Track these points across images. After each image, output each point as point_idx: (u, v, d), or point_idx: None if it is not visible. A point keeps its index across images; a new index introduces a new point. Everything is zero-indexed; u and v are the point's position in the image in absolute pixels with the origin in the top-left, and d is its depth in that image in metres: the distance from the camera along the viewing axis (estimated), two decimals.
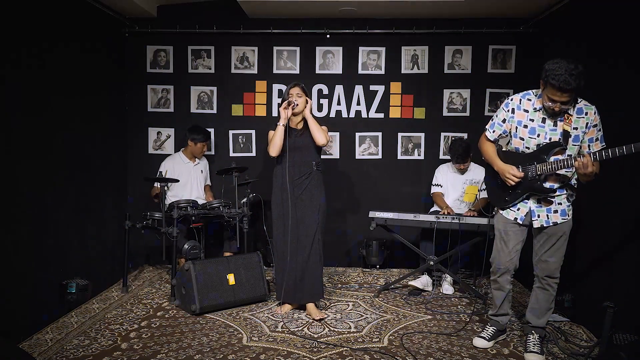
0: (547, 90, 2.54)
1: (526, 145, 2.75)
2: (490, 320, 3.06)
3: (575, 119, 2.63)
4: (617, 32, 3.19)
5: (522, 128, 2.75)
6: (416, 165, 4.83)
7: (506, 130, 2.84)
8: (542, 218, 2.77)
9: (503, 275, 2.91)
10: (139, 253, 4.76)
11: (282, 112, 3.40)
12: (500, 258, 2.90)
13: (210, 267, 3.57)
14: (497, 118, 2.87)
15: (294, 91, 3.46)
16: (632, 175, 2.95)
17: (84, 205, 3.90)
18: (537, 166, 2.69)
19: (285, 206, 3.41)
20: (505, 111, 2.81)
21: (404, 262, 4.80)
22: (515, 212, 2.84)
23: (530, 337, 2.91)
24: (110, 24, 4.45)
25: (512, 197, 2.82)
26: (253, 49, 4.80)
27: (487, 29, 4.57)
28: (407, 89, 4.79)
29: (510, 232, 2.86)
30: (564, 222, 2.76)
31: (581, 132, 2.64)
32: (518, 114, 2.76)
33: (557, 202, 2.76)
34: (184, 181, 4.39)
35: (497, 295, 3.00)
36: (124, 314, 3.52)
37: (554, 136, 2.68)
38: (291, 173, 3.43)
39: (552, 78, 2.46)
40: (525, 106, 2.74)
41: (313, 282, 3.44)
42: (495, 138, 2.90)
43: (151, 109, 4.84)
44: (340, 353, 2.89)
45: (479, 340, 2.97)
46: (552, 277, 2.83)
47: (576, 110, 2.65)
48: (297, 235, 3.43)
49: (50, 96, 3.48)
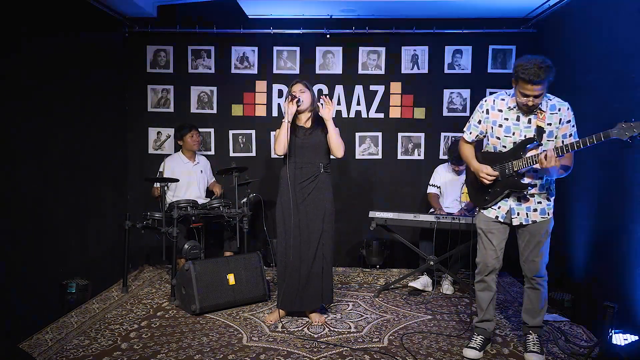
0: (519, 86, 2.61)
1: (502, 144, 2.80)
2: (477, 328, 2.98)
3: (548, 115, 2.70)
4: (617, 32, 3.19)
5: (497, 127, 2.80)
6: (416, 165, 4.83)
7: (482, 131, 2.89)
8: (521, 216, 2.80)
9: (490, 274, 2.91)
10: (139, 253, 4.75)
11: (285, 107, 3.23)
12: (487, 257, 2.90)
13: (210, 267, 3.57)
14: (472, 120, 2.92)
15: (297, 88, 3.30)
16: (632, 174, 2.95)
17: (84, 205, 3.90)
18: (513, 163, 2.74)
19: (288, 210, 3.26)
20: (480, 112, 2.87)
21: (404, 262, 4.80)
22: (496, 211, 2.86)
23: (529, 337, 2.91)
24: (110, 24, 4.45)
25: (492, 195, 2.85)
26: (253, 49, 4.80)
27: (487, 29, 4.57)
28: (407, 89, 4.79)
29: (493, 230, 2.87)
30: (544, 220, 2.79)
31: (555, 127, 2.70)
32: (492, 114, 2.82)
33: (537, 201, 2.79)
34: (183, 181, 4.38)
35: (483, 297, 2.96)
36: (124, 314, 3.52)
37: (528, 133, 2.73)
38: (297, 175, 3.26)
39: (522, 73, 2.53)
40: (499, 106, 2.81)
41: (315, 290, 3.31)
42: (472, 139, 2.94)
43: (151, 109, 4.84)
44: (340, 353, 2.89)
45: (470, 351, 2.88)
46: (540, 275, 2.84)
47: (549, 106, 2.71)
48: (300, 242, 3.27)
49: (50, 96, 3.48)
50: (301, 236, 3.28)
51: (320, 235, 3.29)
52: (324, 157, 3.33)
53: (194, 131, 4.46)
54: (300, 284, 3.29)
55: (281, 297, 3.32)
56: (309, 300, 3.34)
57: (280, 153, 3.27)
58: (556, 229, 2.84)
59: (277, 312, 3.41)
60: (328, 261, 3.34)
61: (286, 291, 3.32)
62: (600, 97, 3.31)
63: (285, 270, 3.31)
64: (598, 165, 3.32)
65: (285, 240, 3.31)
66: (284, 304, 3.35)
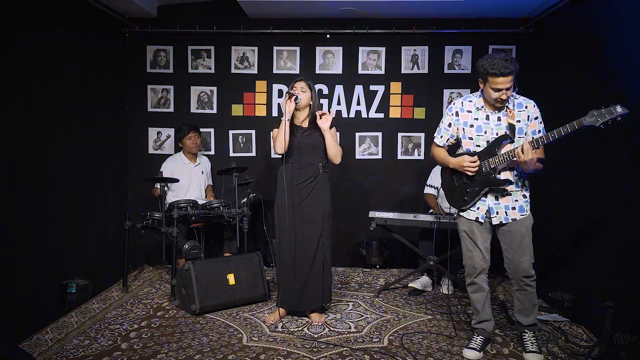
0: (490, 83, 2.65)
1: (476, 143, 2.82)
2: (476, 329, 2.99)
3: (516, 112, 2.75)
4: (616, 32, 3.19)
5: (468, 128, 2.83)
6: (416, 165, 4.83)
7: (453, 134, 2.91)
8: (500, 215, 2.80)
9: (479, 275, 2.91)
10: (139, 253, 4.75)
11: (284, 105, 3.20)
12: (473, 259, 2.90)
13: (210, 267, 3.57)
14: (442, 124, 2.95)
15: (299, 85, 3.29)
16: (632, 174, 2.95)
17: (84, 205, 3.91)
18: (489, 160, 2.75)
19: (286, 210, 3.25)
20: (449, 115, 2.90)
21: (404, 262, 4.80)
22: (475, 212, 2.86)
23: (524, 335, 2.91)
24: (110, 24, 4.45)
25: (471, 195, 2.84)
26: (253, 49, 4.80)
27: (487, 29, 4.57)
28: (407, 89, 4.79)
29: (475, 231, 2.87)
30: (523, 217, 2.80)
31: (524, 124, 2.75)
32: (462, 116, 2.85)
33: (514, 199, 2.80)
34: (184, 182, 4.38)
35: (477, 299, 2.95)
36: (124, 314, 3.52)
37: (500, 130, 2.77)
38: (295, 175, 3.27)
39: (491, 67, 2.60)
40: (467, 107, 2.84)
41: (316, 290, 3.31)
42: (444, 143, 2.96)
43: (151, 109, 4.84)
44: (340, 353, 2.89)
45: (470, 352, 2.88)
46: (528, 276, 2.81)
47: (516, 105, 2.77)
48: (300, 242, 3.26)
49: (50, 96, 3.48)
50: (303, 236, 3.28)
51: (321, 234, 3.29)
52: (322, 157, 3.33)
53: (192, 133, 4.44)
54: (300, 283, 3.30)
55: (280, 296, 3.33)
56: (309, 299, 3.33)
57: (280, 152, 3.24)
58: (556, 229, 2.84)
59: (277, 312, 3.41)
60: (328, 260, 3.35)
61: (286, 290, 3.32)
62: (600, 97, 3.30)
63: (284, 269, 3.31)
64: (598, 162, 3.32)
65: (284, 240, 3.30)
66: (283, 302, 3.36)
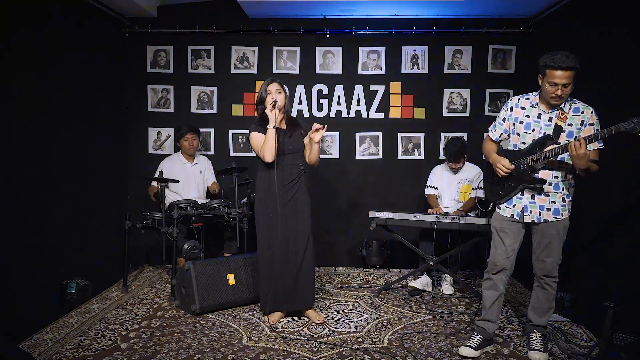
0: (547, 77, 2.62)
1: (522, 140, 2.82)
2: (477, 327, 2.98)
3: (570, 116, 2.72)
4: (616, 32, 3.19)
5: (518, 124, 2.83)
6: (416, 165, 4.83)
7: (507, 129, 2.91)
8: (533, 214, 2.80)
9: (498, 273, 2.90)
10: (139, 253, 4.75)
11: (269, 115, 3.16)
12: (496, 255, 2.90)
13: (210, 267, 3.57)
14: (498, 118, 2.97)
15: (273, 87, 3.26)
16: (632, 174, 2.95)
17: (84, 205, 3.91)
18: (528, 158, 2.75)
19: (274, 213, 3.25)
20: (504, 110, 2.91)
21: (404, 262, 4.79)
22: (511, 209, 2.86)
23: (532, 335, 2.92)
24: (110, 24, 4.45)
25: (506, 190, 2.86)
26: (253, 49, 4.80)
27: (487, 29, 4.57)
28: (407, 89, 4.79)
29: (507, 229, 2.87)
30: (556, 220, 2.78)
31: (575, 128, 2.71)
32: (516, 111, 2.85)
33: (551, 201, 2.78)
34: (181, 182, 4.37)
35: (488, 296, 2.95)
36: (124, 314, 3.52)
37: (548, 131, 2.74)
38: (282, 177, 3.27)
39: (550, 61, 2.58)
40: (522, 104, 2.84)
41: (309, 287, 3.36)
42: (497, 138, 2.97)
43: (151, 109, 4.84)
44: (340, 353, 2.89)
45: (466, 349, 2.86)
46: (550, 276, 2.84)
47: (573, 109, 2.73)
48: (289, 242, 3.29)
49: (51, 96, 3.48)
50: (291, 236, 3.31)
51: (309, 231, 3.34)
52: (301, 157, 3.39)
53: (190, 134, 4.42)
54: (293, 282, 3.33)
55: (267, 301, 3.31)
56: (303, 297, 3.37)
57: (270, 160, 3.21)
58: None
59: (277, 312, 3.42)
60: (314, 257, 3.40)
61: (278, 293, 3.32)
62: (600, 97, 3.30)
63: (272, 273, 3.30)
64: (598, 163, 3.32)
65: (270, 244, 3.31)
66: (278, 306, 3.37)
